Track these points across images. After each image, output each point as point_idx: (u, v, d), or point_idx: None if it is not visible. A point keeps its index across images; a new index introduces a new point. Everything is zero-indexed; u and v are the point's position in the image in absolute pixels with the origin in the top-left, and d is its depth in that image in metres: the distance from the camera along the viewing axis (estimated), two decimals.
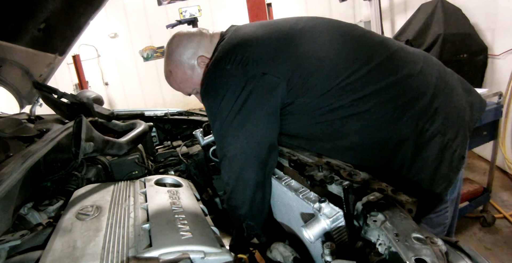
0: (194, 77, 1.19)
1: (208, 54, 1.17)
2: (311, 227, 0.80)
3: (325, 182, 0.97)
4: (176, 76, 1.21)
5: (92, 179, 1.37)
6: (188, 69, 1.18)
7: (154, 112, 2.21)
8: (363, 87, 1.00)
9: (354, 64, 1.01)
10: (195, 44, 1.17)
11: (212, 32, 1.22)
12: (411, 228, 0.66)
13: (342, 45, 1.07)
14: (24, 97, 2.09)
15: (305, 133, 1.08)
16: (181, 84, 1.22)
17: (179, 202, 1.09)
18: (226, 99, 0.97)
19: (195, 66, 1.18)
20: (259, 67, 0.97)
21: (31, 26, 1.56)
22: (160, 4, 7.25)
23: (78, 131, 1.17)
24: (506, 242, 2.37)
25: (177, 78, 1.21)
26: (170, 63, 1.20)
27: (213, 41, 1.18)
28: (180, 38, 1.19)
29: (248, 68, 0.97)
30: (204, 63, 1.17)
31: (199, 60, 1.17)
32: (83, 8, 1.68)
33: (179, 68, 1.19)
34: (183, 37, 1.19)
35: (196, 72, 1.19)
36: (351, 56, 1.04)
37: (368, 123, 1.01)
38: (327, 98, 1.00)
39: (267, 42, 1.03)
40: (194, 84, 1.21)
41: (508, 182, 3.03)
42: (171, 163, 1.75)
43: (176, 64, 1.19)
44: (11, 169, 1.00)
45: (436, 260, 0.57)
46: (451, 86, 1.11)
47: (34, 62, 1.87)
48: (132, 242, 0.85)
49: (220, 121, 0.99)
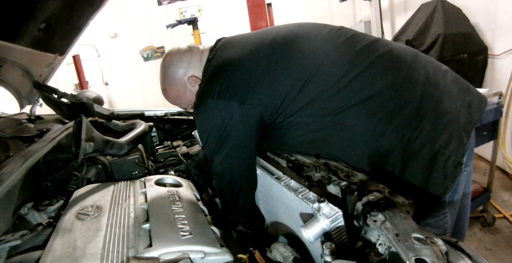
0: (187, 95, 1.28)
1: (198, 73, 1.24)
2: (310, 227, 0.80)
3: (322, 183, 0.97)
4: (171, 93, 1.30)
5: (92, 179, 1.37)
6: (181, 88, 1.27)
7: (154, 112, 2.21)
8: (343, 101, 1.01)
9: (334, 77, 1.03)
10: (185, 64, 1.24)
11: (202, 48, 1.28)
12: (411, 228, 0.66)
13: (323, 57, 1.07)
14: (24, 97, 2.09)
15: (292, 146, 1.16)
16: (176, 101, 1.32)
17: (179, 202, 1.09)
18: (212, 135, 1.10)
19: (187, 85, 1.25)
20: (236, 98, 1.06)
21: (31, 26, 1.56)
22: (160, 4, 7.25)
23: (78, 131, 1.16)
24: (506, 242, 2.37)
25: (172, 96, 1.31)
26: (164, 82, 1.29)
27: (202, 59, 1.24)
28: (171, 58, 1.26)
29: (226, 101, 1.06)
30: (196, 83, 1.25)
31: (190, 80, 1.24)
32: (83, 8, 1.68)
33: (172, 87, 1.27)
34: (174, 57, 1.26)
35: (188, 91, 1.27)
36: (333, 69, 1.05)
37: (352, 138, 1.02)
38: (308, 115, 1.04)
39: (247, 66, 1.10)
40: (188, 101, 1.30)
41: (508, 182, 3.03)
42: (171, 163, 1.75)
43: (169, 83, 1.27)
44: (11, 169, 1.00)
45: (436, 260, 0.57)
46: (442, 89, 1.06)
47: (34, 62, 1.87)
48: (132, 242, 0.85)
49: (208, 150, 1.14)
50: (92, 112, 1.68)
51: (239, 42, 1.20)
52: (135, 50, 7.52)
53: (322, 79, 1.03)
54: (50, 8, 1.51)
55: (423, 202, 1.04)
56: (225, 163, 1.14)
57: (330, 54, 1.08)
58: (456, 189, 1.11)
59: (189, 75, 1.24)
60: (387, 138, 0.99)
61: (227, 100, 1.06)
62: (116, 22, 7.36)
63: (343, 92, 1.01)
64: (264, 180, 1.17)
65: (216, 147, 1.11)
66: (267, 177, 1.13)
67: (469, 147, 1.06)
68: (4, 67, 1.74)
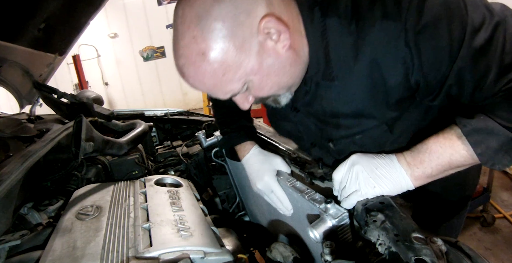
0: (252, 58, 0.70)
1: (282, 14, 0.71)
2: (317, 227, 0.80)
3: (325, 179, 0.98)
4: (217, 59, 0.67)
5: (92, 179, 1.37)
6: (244, 42, 0.68)
7: (154, 112, 2.21)
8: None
9: None
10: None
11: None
12: (411, 228, 0.66)
13: None
14: (24, 97, 2.09)
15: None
16: (226, 74, 0.70)
17: (179, 202, 1.09)
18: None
19: (256, 38, 0.69)
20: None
21: (31, 26, 1.56)
22: (160, 4, 7.26)
23: (78, 131, 1.17)
24: (506, 242, 2.37)
25: (220, 64, 0.68)
26: (203, 37, 0.66)
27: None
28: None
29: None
30: (276, 31, 0.69)
31: (267, 25, 0.68)
32: (83, 8, 1.68)
33: (228, 42, 0.66)
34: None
35: (254, 50, 0.69)
36: None
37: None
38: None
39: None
40: (251, 72, 0.71)
41: (508, 182, 3.03)
42: (171, 163, 1.75)
43: (221, 36, 0.66)
44: (11, 169, 1.00)
45: (436, 260, 0.57)
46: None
47: (34, 62, 1.87)
48: (132, 242, 0.85)
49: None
50: (92, 112, 1.68)
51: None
52: (135, 50, 7.53)
53: None
54: (50, 8, 1.51)
55: (454, 201, 1.05)
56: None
57: None
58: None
59: (265, 14, 0.68)
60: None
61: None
62: (116, 22, 7.37)
63: None
64: None
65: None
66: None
67: None
68: (4, 67, 1.74)
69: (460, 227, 1.22)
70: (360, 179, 0.80)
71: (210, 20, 0.65)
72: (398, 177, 0.78)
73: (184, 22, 0.68)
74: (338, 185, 0.86)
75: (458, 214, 1.15)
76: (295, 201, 1.00)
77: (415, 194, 0.80)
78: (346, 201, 0.82)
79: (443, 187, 1.02)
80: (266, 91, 0.77)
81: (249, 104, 0.82)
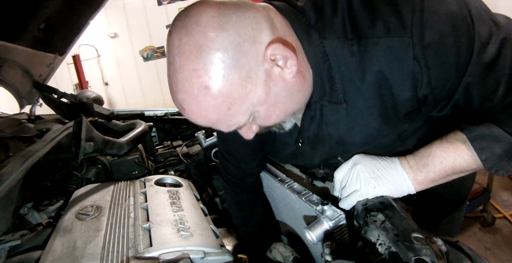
0: (259, 88, 0.65)
1: (286, 36, 0.68)
2: (314, 229, 0.81)
3: (326, 179, 0.99)
4: (222, 92, 0.62)
5: (92, 179, 1.37)
6: (250, 72, 0.63)
7: (154, 112, 2.21)
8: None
9: None
10: (261, 21, 0.64)
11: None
12: (411, 228, 0.66)
13: None
14: (24, 97, 2.09)
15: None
16: (232, 108, 0.64)
17: (179, 202, 1.09)
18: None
19: (262, 66, 0.64)
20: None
21: (31, 26, 1.56)
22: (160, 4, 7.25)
23: (78, 131, 1.17)
24: (506, 242, 2.37)
25: (225, 97, 0.63)
26: (205, 69, 0.60)
27: (275, 18, 0.68)
28: (221, 10, 0.61)
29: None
30: (283, 56, 0.65)
31: (274, 52, 0.64)
32: (83, 8, 1.68)
33: (233, 74, 0.61)
34: (226, 9, 0.62)
35: (261, 80, 0.65)
36: None
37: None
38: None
39: None
40: (258, 102, 0.67)
41: (508, 182, 3.03)
42: (171, 163, 1.75)
43: (225, 67, 0.60)
44: (11, 169, 1.00)
45: (436, 260, 0.57)
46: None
47: (34, 62, 1.87)
48: (132, 242, 0.85)
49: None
50: (92, 112, 1.68)
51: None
52: (135, 50, 7.52)
53: None
54: (50, 8, 1.51)
55: (457, 194, 1.08)
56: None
57: None
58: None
59: (271, 40, 0.64)
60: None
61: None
62: (116, 22, 7.36)
63: None
64: (267, 181, 1.17)
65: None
66: (270, 178, 1.13)
67: None
68: (4, 67, 1.73)
69: (461, 219, 1.23)
70: (361, 178, 0.80)
71: (212, 51, 0.60)
72: (400, 180, 0.78)
73: (182, 53, 0.61)
74: (339, 184, 0.86)
75: (458, 208, 1.17)
76: (292, 202, 1.01)
77: (414, 196, 0.80)
78: (346, 200, 0.82)
79: (441, 186, 1.04)
80: (273, 120, 0.73)
81: (253, 134, 0.76)
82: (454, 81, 0.65)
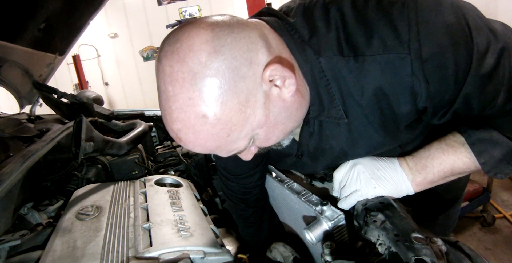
0: (259, 111, 0.63)
1: (282, 54, 0.66)
2: (313, 229, 0.81)
3: (325, 179, 0.98)
4: (221, 120, 0.60)
5: (92, 179, 1.37)
6: (249, 96, 0.61)
7: (154, 112, 2.21)
8: None
9: None
10: (257, 42, 0.62)
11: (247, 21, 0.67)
12: (411, 228, 0.66)
13: None
14: (24, 97, 2.09)
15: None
16: (232, 134, 0.62)
17: (179, 202, 1.09)
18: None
19: (261, 89, 0.62)
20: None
21: (31, 26, 1.56)
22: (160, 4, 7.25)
23: (78, 131, 1.17)
24: (506, 242, 2.37)
25: (224, 125, 0.60)
26: (201, 97, 0.57)
27: (269, 35, 0.66)
28: (214, 32, 0.58)
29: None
30: (281, 76, 0.63)
31: (272, 73, 0.62)
32: (83, 8, 1.68)
33: (231, 100, 0.59)
34: (219, 31, 0.59)
35: (260, 103, 0.63)
36: None
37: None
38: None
39: None
40: (258, 126, 0.65)
41: (508, 182, 3.03)
42: (171, 163, 1.75)
43: (222, 93, 0.58)
44: (11, 169, 1.00)
45: (436, 260, 0.58)
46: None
47: (34, 62, 1.87)
48: (132, 242, 0.85)
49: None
50: (92, 112, 1.68)
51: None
52: (135, 50, 7.53)
53: None
54: (50, 8, 1.51)
55: (450, 191, 1.09)
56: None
57: None
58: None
59: (268, 61, 0.62)
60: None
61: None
62: (116, 22, 7.37)
63: None
64: (267, 182, 1.17)
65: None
66: (270, 179, 1.13)
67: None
68: (4, 67, 1.73)
69: (458, 214, 1.25)
70: (361, 179, 0.80)
71: (208, 77, 0.56)
72: (399, 181, 0.78)
73: (175, 82, 0.57)
74: (338, 185, 0.87)
75: (454, 203, 1.18)
76: (292, 202, 1.01)
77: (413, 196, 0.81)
78: (345, 200, 0.82)
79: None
80: (272, 141, 0.72)
81: (252, 155, 0.75)
82: (453, 92, 0.65)
